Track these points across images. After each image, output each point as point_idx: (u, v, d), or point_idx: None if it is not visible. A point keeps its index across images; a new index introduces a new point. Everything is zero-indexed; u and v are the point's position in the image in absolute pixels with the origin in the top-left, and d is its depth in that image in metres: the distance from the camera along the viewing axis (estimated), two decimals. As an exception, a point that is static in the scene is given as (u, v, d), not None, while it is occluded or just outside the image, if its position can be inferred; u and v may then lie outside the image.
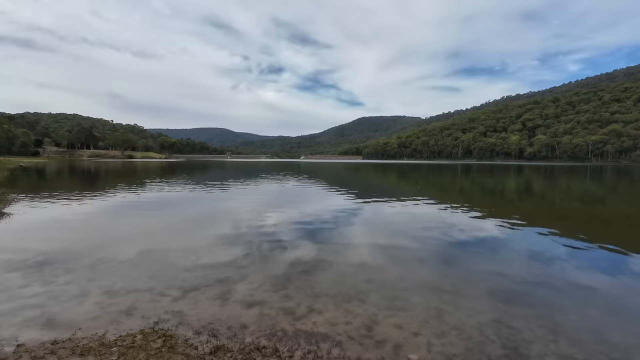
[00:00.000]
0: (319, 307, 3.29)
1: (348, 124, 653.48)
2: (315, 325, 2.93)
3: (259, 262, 4.75)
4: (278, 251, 5.30)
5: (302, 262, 4.76)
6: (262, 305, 3.33)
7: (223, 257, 4.90)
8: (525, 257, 5.24)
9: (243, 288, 3.76)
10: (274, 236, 6.29)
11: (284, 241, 5.92)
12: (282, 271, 4.35)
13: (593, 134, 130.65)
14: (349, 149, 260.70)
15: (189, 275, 4.16)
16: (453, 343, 2.66)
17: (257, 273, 4.26)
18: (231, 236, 6.26)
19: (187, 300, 3.44)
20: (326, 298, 3.51)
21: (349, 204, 10.85)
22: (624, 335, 2.85)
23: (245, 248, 5.44)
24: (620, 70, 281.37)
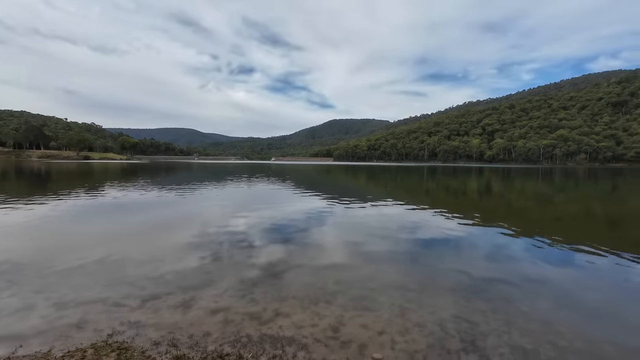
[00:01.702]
0: (285, 310, 3.26)
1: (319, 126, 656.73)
2: (282, 329, 2.90)
3: (226, 266, 4.61)
4: (247, 255, 5.18)
5: (271, 265, 4.70)
6: (227, 311, 3.23)
7: (188, 263, 4.71)
8: (485, 254, 5.53)
9: (208, 294, 3.63)
10: (243, 240, 6.15)
11: (254, 245, 5.81)
12: (250, 275, 4.25)
13: (544, 138, 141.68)
14: (320, 151, 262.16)
15: (149, 283, 3.94)
16: (416, 340, 2.73)
17: (224, 278, 4.14)
18: (197, 241, 6.04)
19: (145, 309, 3.25)
20: (293, 301, 3.48)
21: (320, 205, 10.88)
22: (570, 324, 3.09)
23: (212, 253, 5.27)
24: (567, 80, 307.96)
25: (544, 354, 2.58)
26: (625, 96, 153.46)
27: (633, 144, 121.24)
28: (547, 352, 2.60)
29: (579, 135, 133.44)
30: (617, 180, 28.90)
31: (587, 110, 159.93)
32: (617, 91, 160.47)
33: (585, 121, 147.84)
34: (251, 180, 22.76)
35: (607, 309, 3.48)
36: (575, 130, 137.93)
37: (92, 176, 25.77)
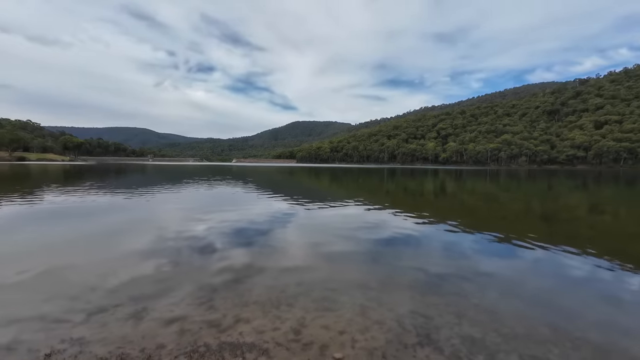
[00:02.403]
0: (246, 316, 3.18)
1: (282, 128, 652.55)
2: (242, 335, 2.82)
3: (183, 273, 4.40)
4: (206, 260, 4.99)
5: (232, 270, 4.56)
6: (183, 320, 3.08)
7: (140, 272, 4.42)
8: (440, 251, 5.86)
9: (162, 304, 3.43)
10: (203, 244, 5.90)
11: (214, 249, 5.60)
12: (210, 281, 4.10)
13: (491, 142, 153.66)
14: (283, 153, 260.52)
15: (95, 295, 3.64)
16: (375, 337, 2.82)
17: (181, 285, 3.94)
18: (152, 247, 5.69)
19: (91, 324, 3.00)
20: (254, 306, 3.41)
21: (283, 207, 10.79)
22: (513, 312, 3.37)
23: (169, 259, 4.99)
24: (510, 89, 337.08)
25: (490, 341, 2.79)
26: (558, 105, 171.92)
27: (564, 148, 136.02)
28: (493, 339, 2.81)
29: (520, 140, 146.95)
30: (551, 181, 32.14)
31: (526, 117, 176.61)
32: (551, 101, 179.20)
33: (526, 127, 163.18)
34: (211, 182, 21.95)
35: (544, 296, 3.85)
36: (517, 135, 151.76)
37: (29, 179, 23.19)
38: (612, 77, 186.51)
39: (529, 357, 2.57)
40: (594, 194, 18.82)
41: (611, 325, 3.15)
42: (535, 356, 2.58)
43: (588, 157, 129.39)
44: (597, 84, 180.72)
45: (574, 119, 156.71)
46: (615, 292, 4.05)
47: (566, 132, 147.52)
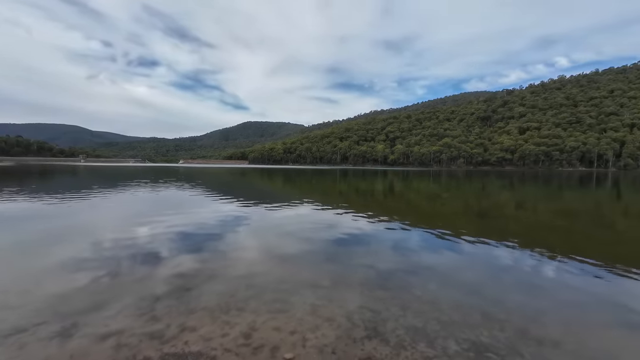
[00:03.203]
0: (192, 324, 3.03)
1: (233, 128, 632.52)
2: (187, 344, 2.69)
3: (122, 284, 4.04)
4: (150, 268, 4.64)
5: (178, 277, 4.31)
6: (120, 334, 2.83)
7: (70, 284, 3.96)
8: (388, 248, 6.15)
9: (95, 318, 3.12)
10: (145, 252, 5.48)
11: (158, 257, 5.23)
12: (151, 291, 3.82)
13: (433, 145, 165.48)
14: (234, 154, 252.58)
15: (12, 314, 3.19)
16: (325, 334, 2.87)
17: (118, 297, 3.62)
18: (86, 257, 5.14)
19: (6, 347, 2.62)
20: (202, 313, 3.27)
21: (234, 209, 10.47)
22: (450, 301, 3.67)
23: (105, 269, 4.55)
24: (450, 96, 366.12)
25: (431, 328, 3.01)
26: (489, 112, 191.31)
27: (495, 151, 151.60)
28: (433, 327, 3.04)
29: (459, 143, 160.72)
30: (484, 181, 35.57)
31: (464, 122, 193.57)
32: (484, 108, 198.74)
33: (463, 131, 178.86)
34: (156, 185, 20.48)
35: (477, 285, 4.25)
36: (456, 139, 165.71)
37: None
38: (532, 89, 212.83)
39: (463, 340, 2.82)
40: (518, 193, 21.25)
41: (530, 307, 3.58)
42: (468, 339, 2.84)
43: (514, 159, 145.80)
44: (521, 94, 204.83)
45: (502, 125, 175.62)
46: (535, 278, 4.63)
47: (496, 136, 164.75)
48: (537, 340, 2.87)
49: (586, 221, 10.27)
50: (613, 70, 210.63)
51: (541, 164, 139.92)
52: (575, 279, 4.55)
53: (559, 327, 3.13)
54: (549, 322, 3.23)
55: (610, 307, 3.62)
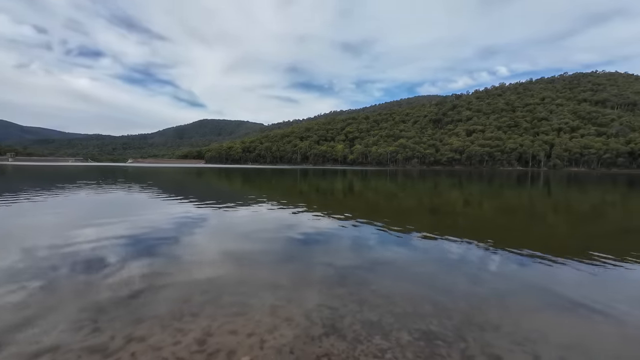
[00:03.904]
0: (141, 333, 2.84)
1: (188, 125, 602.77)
2: (134, 356, 2.51)
3: (58, 295, 3.66)
4: (92, 278, 4.25)
5: (126, 285, 4.01)
6: (54, 351, 2.57)
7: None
8: (347, 246, 6.28)
9: (24, 335, 2.80)
10: (88, 259, 5.02)
11: (103, 264, 4.82)
12: (94, 301, 3.52)
13: (390, 145, 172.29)
14: (190, 153, 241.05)
15: None
16: (284, 334, 2.86)
17: (53, 310, 3.28)
18: (16, 267, 4.57)
19: None
20: (152, 321, 3.08)
21: (190, 211, 9.98)
22: (403, 294, 3.85)
23: (38, 280, 4.09)
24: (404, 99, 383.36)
25: (385, 322, 3.14)
26: (440, 115, 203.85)
27: (445, 151, 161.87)
28: (388, 320, 3.17)
29: (413, 144, 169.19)
30: (436, 180, 37.82)
31: (417, 124, 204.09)
32: (435, 111, 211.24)
33: (417, 133, 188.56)
34: (100, 186, 18.85)
35: (428, 278, 4.51)
36: (410, 140, 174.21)
37: None
38: (477, 94, 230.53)
39: (414, 331, 2.98)
40: (466, 191, 22.90)
41: (474, 296, 3.89)
42: (420, 329, 3.01)
43: (462, 160, 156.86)
44: (468, 99, 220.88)
45: (452, 128, 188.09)
46: (479, 269, 5.02)
47: (447, 138, 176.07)
48: (480, 325, 3.12)
49: (522, 216, 11.37)
50: (544, 80, 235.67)
51: (485, 163, 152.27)
52: (513, 269, 5.02)
53: (498, 312, 3.43)
54: (490, 308, 3.53)
55: (541, 293, 4.05)
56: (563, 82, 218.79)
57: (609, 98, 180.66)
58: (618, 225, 9.73)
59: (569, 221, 10.43)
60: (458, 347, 2.73)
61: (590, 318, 3.36)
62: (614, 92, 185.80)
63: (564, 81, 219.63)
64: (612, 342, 2.89)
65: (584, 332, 3.07)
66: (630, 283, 4.47)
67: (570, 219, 10.98)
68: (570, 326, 3.18)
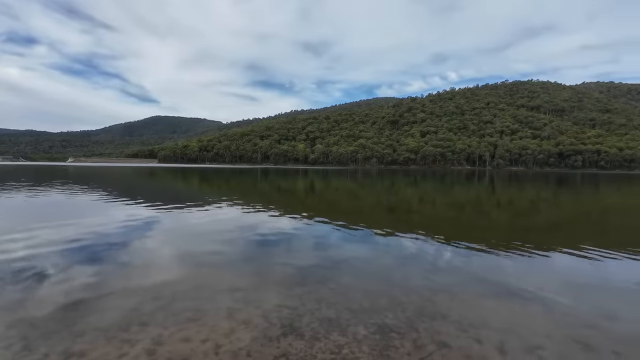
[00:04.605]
0: (80, 348, 2.60)
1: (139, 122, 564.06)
2: (73, 373, 2.30)
3: (-24, 313, 3.22)
4: (25, 291, 3.79)
5: (65, 295, 3.64)
6: (-26, 375, 2.26)
7: None
8: (308, 245, 6.30)
9: None
10: (21, 269, 4.47)
11: (38, 274, 4.32)
12: (25, 316, 3.15)
13: (350, 145, 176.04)
14: (141, 151, 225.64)
15: None
16: (240, 338, 2.79)
17: (-27, 330, 2.88)
18: None
19: None
20: (94, 334, 2.83)
21: (141, 214, 9.35)
22: (361, 290, 3.96)
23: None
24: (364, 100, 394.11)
25: (343, 318, 3.20)
26: (397, 117, 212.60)
27: (402, 151, 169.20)
28: (345, 316, 3.24)
29: (372, 144, 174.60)
30: (394, 179, 39.40)
31: (376, 125, 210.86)
32: (392, 112, 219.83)
33: (375, 133, 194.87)
34: (35, 188, 16.92)
35: (385, 273, 4.68)
36: (369, 140, 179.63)
37: None
38: (431, 98, 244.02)
39: (371, 325, 3.08)
40: (420, 189, 24.14)
41: (426, 288, 4.11)
42: (375, 323, 3.12)
43: (417, 159, 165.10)
44: (422, 102, 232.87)
45: (408, 129, 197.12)
46: (431, 262, 5.32)
47: (403, 139, 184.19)
48: (430, 316, 3.31)
49: (470, 212, 12.27)
50: (489, 86, 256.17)
51: (438, 163, 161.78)
52: (461, 261, 5.39)
53: (447, 302, 3.66)
54: (439, 299, 3.75)
55: (484, 282, 4.40)
56: (504, 88, 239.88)
57: (542, 104, 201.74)
58: (548, 219, 10.89)
59: (508, 216, 11.46)
60: (410, 338, 2.87)
61: (524, 304, 3.72)
62: (546, 99, 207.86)
63: (505, 88, 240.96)
64: (542, 324, 3.23)
65: (519, 316, 3.39)
66: (558, 271, 5.03)
67: (510, 213, 12.07)
68: (508, 312, 3.50)
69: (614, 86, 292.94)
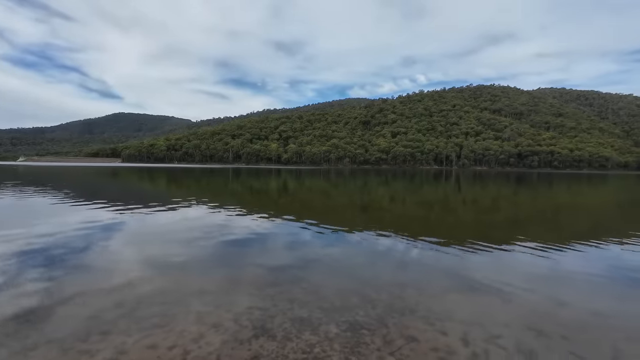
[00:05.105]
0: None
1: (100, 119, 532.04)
2: (24, 389, 2.13)
3: None
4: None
5: (15, 305, 3.36)
6: None
7: None
8: (281, 245, 6.25)
9: None
10: (-49, 280, 4.05)
11: (-26, 284, 3.94)
12: (-34, 331, 2.87)
13: (323, 145, 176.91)
14: (102, 150, 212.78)
15: None
16: (210, 342, 2.72)
17: None
18: None
19: None
20: (48, 346, 2.64)
21: (105, 216, 8.81)
22: (333, 288, 3.99)
23: None
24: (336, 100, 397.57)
25: (315, 317, 3.22)
26: (369, 117, 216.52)
27: (374, 152, 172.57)
28: (317, 315, 3.26)
29: (345, 144, 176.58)
30: (366, 178, 40.12)
31: (348, 125, 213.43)
32: (364, 113, 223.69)
33: (348, 134, 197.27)
34: (-24, 190, 15.41)
35: (356, 271, 4.76)
36: (342, 140, 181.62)
37: None
38: (401, 99, 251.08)
39: (342, 323, 3.12)
40: (392, 188, 24.76)
41: (396, 284, 4.23)
42: (347, 321, 3.16)
43: (388, 159, 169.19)
44: (392, 103, 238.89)
45: (379, 129, 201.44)
46: (401, 259, 5.48)
47: (375, 139, 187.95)
48: (400, 311, 3.41)
49: (437, 210, 12.76)
50: (455, 89, 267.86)
51: (408, 163, 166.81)
52: (429, 257, 5.60)
53: (415, 297, 3.80)
54: (408, 295, 3.88)
55: (451, 277, 4.60)
56: (469, 92, 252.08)
57: (503, 108, 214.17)
58: (508, 216, 11.60)
59: (473, 213, 12.06)
60: (380, 334, 2.94)
61: (486, 296, 3.94)
62: (507, 103, 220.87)
63: (470, 91, 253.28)
64: (501, 314, 3.43)
65: (481, 308, 3.59)
66: (516, 264, 5.36)
67: (474, 211, 12.71)
68: (471, 304, 3.69)
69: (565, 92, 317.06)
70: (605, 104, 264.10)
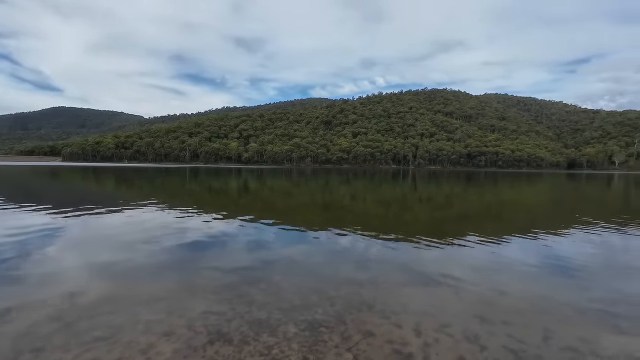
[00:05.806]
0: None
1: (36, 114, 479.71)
2: None
3: None
4: None
5: None
6: None
7: None
8: (240, 247, 6.09)
9: None
10: None
11: None
12: None
13: (285, 144, 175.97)
14: (39, 148, 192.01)
15: None
16: (161, 352, 2.57)
17: None
18: None
19: None
20: (-33, 370, 2.32)
21: (42, 221, 7.94)
22: (293, 288, 3.98)
23: None
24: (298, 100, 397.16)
25: (274, 318, 3.18)
26: (330, 118, 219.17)
27: (335, 151, 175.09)
28: (276, 316, 3.22)
29: (307, 144, 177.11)
30: (328, 178, 40.55)
31: (310, 125, 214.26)
32: (326, 113, 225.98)
33: (310, 133, 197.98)
34: None
35: (316, 270, 4.79)
36: (304, 140, 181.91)
37: None
38: (361, 101, 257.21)
39: (301, 322, 3.12)
40: (352, 187, 25.28)
41: (355, 281, 4.33)
42: (306, 320, 3.17)
43: (350, 159, 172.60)
44: (353, 104, 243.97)
45: (341, 130, 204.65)
46: (361, 257, 5.61)
47: (336, 139, 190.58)
48: (358, 307, 3.49)
49: (396, 208, 13.27)
50: (411, 92, 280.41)
51: (368, 162, 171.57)
52: (386, 254, 5.81)
53: (373, 293, 3.91)
54: (366, 291, 3.99)
55: (407, 272, 4.81)
56: (424, 95, 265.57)
57: (455, 111, 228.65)
58: (459, 212, 12.40)
59: (428, 210, 12.73)
60: (339, 331, 2.99)
61: (438, 288, 4.17)
62: (458, 106, 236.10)
63: (425, 95, 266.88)
64: (451, 305, 3.66)
65: (433, 300, 3.79)
66: (465, 257, 5.75)
67: (429, 208, 13.42)
68: (424, 297, 3.88)
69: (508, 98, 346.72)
70: (540, 109, 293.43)
